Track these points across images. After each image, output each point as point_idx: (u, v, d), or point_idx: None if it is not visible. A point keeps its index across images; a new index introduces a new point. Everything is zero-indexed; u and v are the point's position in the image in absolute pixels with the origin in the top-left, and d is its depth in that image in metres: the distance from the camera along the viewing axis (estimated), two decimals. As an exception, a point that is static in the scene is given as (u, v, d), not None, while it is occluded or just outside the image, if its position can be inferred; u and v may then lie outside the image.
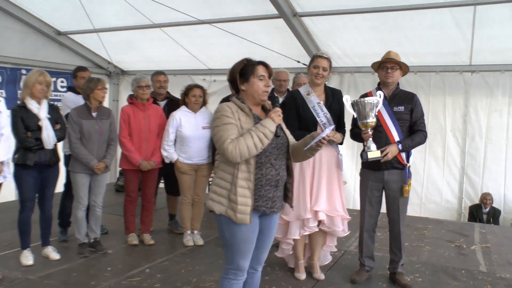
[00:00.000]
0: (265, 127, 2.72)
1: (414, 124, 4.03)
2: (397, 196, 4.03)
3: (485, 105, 7.23)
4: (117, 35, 8.30)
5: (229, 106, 2.85)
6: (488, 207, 7.00)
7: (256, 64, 2.90)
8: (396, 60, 4.01)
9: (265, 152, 2.81)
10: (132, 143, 4.97)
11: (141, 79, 5.03)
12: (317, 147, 2.89)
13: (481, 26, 6.22)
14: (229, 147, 2.69)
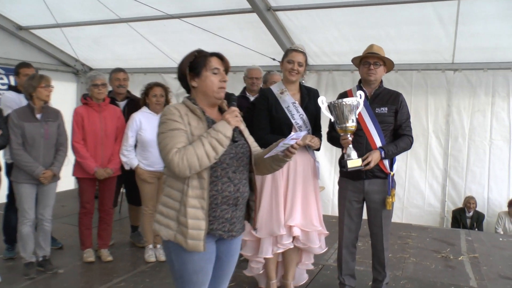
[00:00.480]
0: (218, 131, 2.18)
1: (398, 128, 3.51)
2: (379, 209, 3.50)
3: (468, 105, 6.80)
4: (82, 31, 7.65)
5: (177, 108, 2.30)
6: (472, 211, 6.56)
7: (208, 56, 2.37)
8: (380, 55, 3.48)
9: (221, 163, 2.28)
10: (86, 148, 4.36)
11: (96, 77, 4.42)
12: (285, 157, 2.35)
13: (464, 22, 5.77)
14: (175, 158, 2.15)
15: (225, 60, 2.40)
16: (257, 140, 3.67)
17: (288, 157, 2.35)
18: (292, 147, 2.28)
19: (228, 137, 2.20)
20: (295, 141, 2.27)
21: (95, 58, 8.84)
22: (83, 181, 4.42)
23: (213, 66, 2.34)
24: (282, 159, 2.37)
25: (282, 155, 2.35)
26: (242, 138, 2.43)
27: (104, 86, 4.45)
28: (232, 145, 2.32)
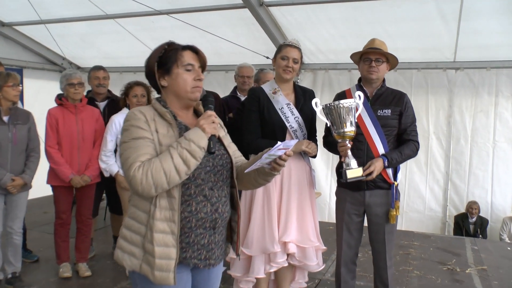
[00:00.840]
0: (190, 141, 1.78)
1: (403, 132, 3.09)
2: (382, 223, 3.09)
3: (470, 105, 6.39)
4: (68, 28, 7.22)
5: (142, 112, 1.89)
6: (475, 217, 6.16)
7: (180, 49, 1.95)
8: (382, 51, 3.07)
9: (195, 179, 1.87)
10: (61, 153, 3.93)
11: (72, 75, 3.99)
12: (272, 171, 1.94)
13: (467, 18, 5.37)
14: (137, 175, 1.75)
15: (200, 54, 2.00)
16: (246, 145, 3.28)
17: (276, 171, 1.93)
18: (280, 158, 1.87)
19: (203, 148, 1.79)
20: (283, 151, 1.85)
21: (83, 56, 8.41)
22: (58, 189, 3.99)
23: (186, 61, 1.93)
24: (269, 173, 1.96)
25: (268, 168, 1.94)
26: (221, 148, 2.02)
27: (81, 86, 4.02)
28: (208, 157, 1.92)
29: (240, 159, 2.17)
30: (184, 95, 1.94)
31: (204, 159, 1.90)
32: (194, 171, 1.85)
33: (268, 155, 1.82)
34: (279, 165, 1.89)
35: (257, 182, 2.04)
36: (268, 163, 1.91)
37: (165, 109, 1.92)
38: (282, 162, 1.88)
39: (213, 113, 1.85)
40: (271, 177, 2.00)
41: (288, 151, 1.88)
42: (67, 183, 3.92)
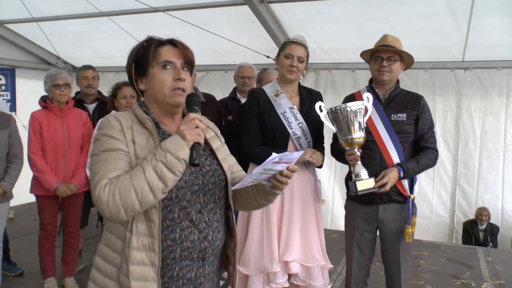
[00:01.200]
0: (166, 151, 1.43)
1: (420, 139, 2.74)
2: (396, 241, 2.74)
3: (479, 106, 6.02)
4: (61, 26, 6.86)
5: (117, 119, 1.56)
6: (485, 224, 5.80)
7: (157, 45, 1.61)
8: (395, 48, 2.72)
9: (178, 200, 1.53)
10: (46, 160, 3.59)
11: (57, 75, 3.64)
12: (274, 189, 1.58)
13: (479, 15, 5.01)
14: (102, 194, 1.41)
15: (182, 48, 1.63)
16: (245, 153, 2.92)
17: (278, 189, 1.57)
18: (281, 174, 1.51)
19: (182, 159, 1.43)
20: (284, 166, 1.49)
21: (78, 56, 8.05)
22: (42, 199, 3.65)
23: (162, 58, 1.58)
24: (269, 191, 1.59)
25: (268, 186, 1.58)
26: (214, 162, 1.67)
27: (67, 87, 3.67)
28: (197, 173, 1.57)
29: (239, 174, 1.81)
30: (162, 100, 1.59)
31: (192, 176, 1.56)
32: (178, 191, 1.51)
33: (263, 170, 1.46)
34: (280, 183, 1.53)
35: (258, 202, 1.69)
36: (266, 179, 1.55)
37: (145, 116, 1.58)
38: (284, 179, 1.52)
39: (196, 115, 1.48)
40: (273, 197, 1.64)
41: (292, 166, 1.52)
42: (52, 192, 3.57)
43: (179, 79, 1.58)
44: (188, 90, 1.63)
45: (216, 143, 1.74)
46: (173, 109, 1.63)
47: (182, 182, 1.54)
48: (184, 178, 1.55)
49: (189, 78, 1.64)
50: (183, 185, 1.54)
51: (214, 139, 1.76)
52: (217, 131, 1.84)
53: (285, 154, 1.45)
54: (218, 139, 1.79)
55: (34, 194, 3.67)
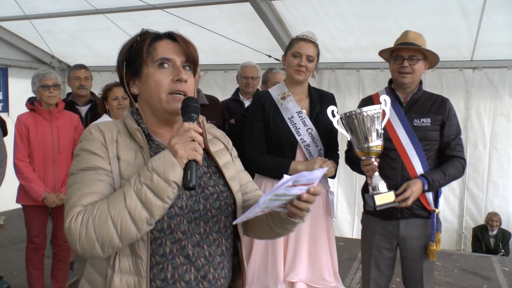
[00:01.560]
0: (153, 171, 1.11)
1: (446, 147, 2.43)
2: (419, 259, 2.44)
3: (489, 107, 5.72)
4: (55, 24, 6.57)
5: (101, 130, 1.26)
6: (496, 229, 5.52)
7: (153, 39, 1.31)
8: (419, 47, 2.41)
9: (171, 231, 1.23)
10: (33, 167, 3.27)
11: (45, 75, 3.32)
12: (292, 216, 1.26)
13: (491, 12, 4.72)
14: (73, 226, 1.14)
15: (183, 42, 1.32)
16: (248, 162, 2.61)
17: (298, 217, 1.25)
18: (300, 199, 1.19)
19: (173, 182, 1.11)
20: (303, 188, 1.17)
21: (73, 55, 7.72)
22: (29, 209, 3.33)
23: (159, 55, 1.28)
24: (287, 220, 1.27)
25: (284, 213, 1.26)
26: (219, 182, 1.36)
27: (57, 88, 3.35)
28: (197, 196, 1.27)
29: (253, 194, 1.49)
30: (158, 105, 1.29)
31: (191, 200, 1.26)
32: (170, 221, 1.21)
33: (275, 196, 1.15)
34: (299, 209, 1.21)
35: (273, 231, 1.38)
36: (282, 205, 1.24)
37: (135, 126, 1.27)
38: (304, 205, 1.20)
39: (192, 125, 1.16)
40: (292, 226, 1.33)
41: (314, 188, 1.20)
42: (40, 202, 3.25)
43: (179, 80, 1.27)
44: (190, 94, 1.32)
45: (224, 157, 1.43)
46: (171, 117, 1.32)
47: (176, 208, 1.23)
48: (179, 203, 1.24)
49: (191, 79, 1.33)
50: (178, 212, 1.23)
51: (222, 152, 1.44)
52: (228, 142, 1.52)
53: (302, 174, 1.13)
54: (228, 153, 1.48)
55: (21, 203, 3.35)
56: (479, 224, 5.64)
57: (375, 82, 5.96)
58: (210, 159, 1.39)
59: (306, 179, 1.16)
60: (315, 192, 1.20)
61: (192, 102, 1.23)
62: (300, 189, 1.17)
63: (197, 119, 1.20)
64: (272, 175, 2.54)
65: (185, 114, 1.21)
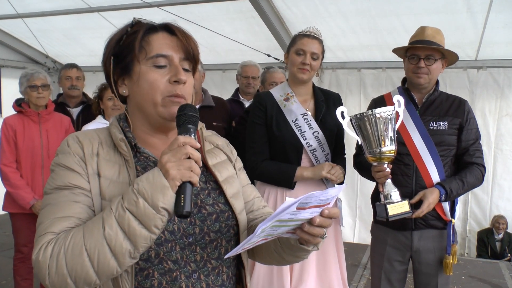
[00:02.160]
0: (140, 195, 0.90)
1: (464, 153, 2.25)
2: (435, 274, 2.25)
3: (494, 108, 5.55)
4: (48, 22, 6.37)
5: (80, 142, 1.06)
6: (502, 233, 5.33)
7: (147, 31, 1.10)
8: (437, 46, 2.21)
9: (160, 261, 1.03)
10: (21, 173, 3.07)
11: (34, 75, 3.13)
12: (303, 243, 1.06)
13: (498, 9, 4.55)
14: (42, 258, 0.94)
15: (182, 36, 1.11)
16: (249, 169, 2.41)
17: (310, 243, 1.05)
18: (312, 223, 0.99)
19: (163, 209, 0.91)
20: (315, 211, 0.97)
21: (67, 54, 7.50)
22: (17, 217, 3.14)
23: (155, 51, 1.07)
24: (297, 247, 1.07)
25: (294, 240, 1.06)
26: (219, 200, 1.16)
27: (46, 88, 3.16)
28: (193, 217, 1.08)
29: (261, 212, 1.28)
30: (152, 110, 1.08)
31: (184, 223, 1.06)
32: (159, 248, 1.02)
33: (279, 223, 0.95)
34: (312, 235, 1.00)
35: (283, 259, 1.17)
36: (290, 231, 1.03)
37: (120, 136, 1.07)
38: (317, 230, 1.00)
39: (189, 140, 0.96)
40: (305, 254, 1.12)
41: (329, 210, 0.99)
42: (28, 209, 3.05)
43: (177, 81, 1.07)
44: (189, 97, 1.11)
45: (225, 171, 1.22)
46: (166, 123, 1.11)
47: (166, 233, 1.04)
48: (171, 226, 1.05)
49: (191, 80, 1.13)
50: (168, 237, 1.03)
51: (224, 165, 1.23)
52: (231, 151, 1.31)
53: (312, 195, 0.93)
54: (231, 165, 1.27)
55: (7, 211, 3.14)
56: (485, 228, 5.46)
57: (377, 82, 5.78)
58: (209, 173, 1.19)
59: (318, 200, 0.95)
60: (331, 214, 0.99)
61: (190, 110, 1.02)
62: (311, 212, 0.97)
63: (195, 131, 1.00)
64: (277, 183, 2.35)
65: (181, 125, 1.00)
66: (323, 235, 1.02)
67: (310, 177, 2.32)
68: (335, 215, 1.01)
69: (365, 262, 4.62)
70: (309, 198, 0.93)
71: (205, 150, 1.20)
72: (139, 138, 1.13)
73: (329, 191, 0.97)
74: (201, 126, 1.21)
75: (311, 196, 0.93)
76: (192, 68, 1.14)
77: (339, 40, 5.58)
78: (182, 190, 0.92)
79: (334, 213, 1.00)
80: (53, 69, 7.65)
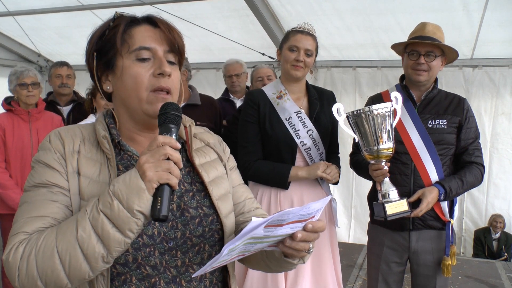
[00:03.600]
0: (115, 197, 0.89)
1: (463, 152, 2.20)
2: (432, 275, 2.20)
3: (489, 107, 5.53)
4: (40, 20, 6.29)
5: (61, 138, 1.00)
6: (499, 232, 5.30)
7: (128, 24, 1.05)
8: (437, 42, 2.17)
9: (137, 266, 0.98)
10: (9, 173, 3.00)
11: (23, 73, 3.07)
12: (288, 257, 1.02)
13: (494, 8, 4.52)
14: (12, 258, 0.90)
15: (165, 28, 1.06)
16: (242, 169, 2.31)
17: (295, 257, 1.01)
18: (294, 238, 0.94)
19: (138, 212, 0.86)
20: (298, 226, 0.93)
21: (60, 53, 7.40)
22: (6, 218, 3.07)
23: (137, 44, 1.02)
24: (283, 260, 1.02)
25: (278, 253, 1.02)
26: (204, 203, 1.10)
27: (36, 86, 3.10)
28: (174, 220, 1.02)
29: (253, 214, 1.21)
30: (136, 106, 1.03)
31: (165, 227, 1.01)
32: (137, 253, 0.96)
33: (252, 240, 0.89)
34: (295, 250, 0.95)
35: (271, 269, 1.13)
36: (273, 245, 0.97)
37: (103, 133, 1.01)
38: (301, 245, 0.95)
39: (168, 140, 0.91)
40: (291, 266, 1.07)
41: (314, 224, 0.94)
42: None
43: (161, 73, 1.02)
44: (176, 91, 1.06)
45: (213, 171, 1.15)
46: (151, 121, 1.05)
47: (144, 237, 0.98)
48: (150, 230, 0.99)
49: (176, 73, 1.08)
50: (147, 242, 0.98)
51: (213, 164, 1.17)
52: (224, 150, 1.25)
53: (289, 211, 0.87)
54: (222, 164, 1.20)
55: (-4, 212, 3.07)
56: (482, 227, 5.43)
57: (372, 81, 5.75)
58: (196, 173, 1.13)
59: (298, 216, 0.90)
60: (315, 229, 0.94)
61: (172, 109, 0.97)
62: (291, 227, 0.92)
63: (176, 131, 0.95)
64: (270, 183, 2.30)
65: (162, 125, 0.95)
66: (309, 250, 0.97)
67: (305, 176, 2.27)
68: (320, 229, 0.96)
69: (360, 263, 4.58)
70: (285, 215, 0.87)
71: (193, 149, 1.14)
72: (124, 135, 1.08)
73: (311, 206, 0.91)
74: (190, 123, 1.16)
75: (287, 213, 0.87)
76: (178, 61, 1.10)
77: (334, 38, 5.54)
78: (159, 192, 0.88)
79: (319, 227, 0.95)
80: (46, 67, 7.55)
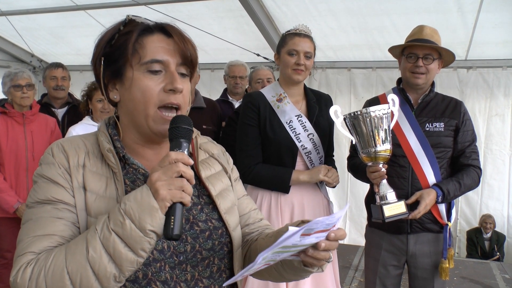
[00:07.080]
0: (127, 216, 0.84)
1: (460, 155, 2.21)
2: (430, 278, 2.21)
3: (484, 108, 5.56)
4: (34, 20, 6.24)
5: (65, 151, 0.97)
6: (490, 232, 5.34)
7: (141, 33, 1.01)
8: (435, 45, 2.17)
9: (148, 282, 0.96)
10: (4, 176, 2.98)
11: (18, 74, 3.04)
12: (307, 266, 1.00)
13: (489, 9, 4.54)
14: (21, 280, 0.87)
15: (179, 39, 1.04)
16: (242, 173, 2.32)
17: (315, 266, 0.99)
18: (317, 247, 0.92)
19: (151, 232, 0.85)
20: (321, 236, 0.92)
21: (54, 53, 7.35)
22: (0, 222, 3.02)
23: (148, 56, 0.98)
24: (300, 269, 1.01)
25: (297, 262, 1.00)
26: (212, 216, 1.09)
27: (31, 88, 3.07)
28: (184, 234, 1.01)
29: (257, 226, 1.21)
30: (142, 121, 1.00)
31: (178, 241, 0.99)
32: (147, 268, 0.95)
33: (282, 249, 0.89)
34: (316, 259, 0.94)
35: (283, 277, 1.11)
36: (295, 254, 0.98)
37: (108, 146, 0.99)
38: (323, 254, 0.94)
39: (181, 156, 0.89)
40: (306, 274, 1.06)
41: (335, 233, 0.94)
42: (12, 214, 2.95)
43: (172, 90, 0.99)
44: (185, 106, 1.03)
45: (220, 183, 1.14)
46: (156, 138, 1.04)
47: (155, 252, 0.97)
48: (160, 245, 0.98)
49: (187, 87, 1.05)
50: (157, 256, 0.97)
51: (218, 177, 1.15)
52: (227, 161, 1.23)
53: (318, 221, 0.88)
54: (227, 176, 1.18)
55: (-9, 216, 3.05)
56: (473, 227, 5.47)
57: (367, 82, 5.76)
58: (202, 186, 1.11)
59: (324, 225, 0.90)
60: (337, 237, 0.94)
61: (183, 123, 0.94)
62: (316, 237, 0.92)
63: (188, 146, 0.93)
64: (272, 187, 2.29)
65: (173, 140, 0.93)
66: (329, 259, 0.97)
67: (307, 180, 2.27)
68: (341, 237, 0.95)
69: (356, 264, 4.59)
70: (315, 224, 0.88)
71: (199, 161, 1.12)
72: (128, 147, 1.06)
73: (335, 215, 0.92)
74: (196, 134, 1.13)
75: (316, 223, 0.88)
76: (190, 72, 1.06)
77: (329, 39, 5.54)
78: (172, 211, 0.86)
79: (341, 235, 0.95)
80: (39, 68, 7.50)
